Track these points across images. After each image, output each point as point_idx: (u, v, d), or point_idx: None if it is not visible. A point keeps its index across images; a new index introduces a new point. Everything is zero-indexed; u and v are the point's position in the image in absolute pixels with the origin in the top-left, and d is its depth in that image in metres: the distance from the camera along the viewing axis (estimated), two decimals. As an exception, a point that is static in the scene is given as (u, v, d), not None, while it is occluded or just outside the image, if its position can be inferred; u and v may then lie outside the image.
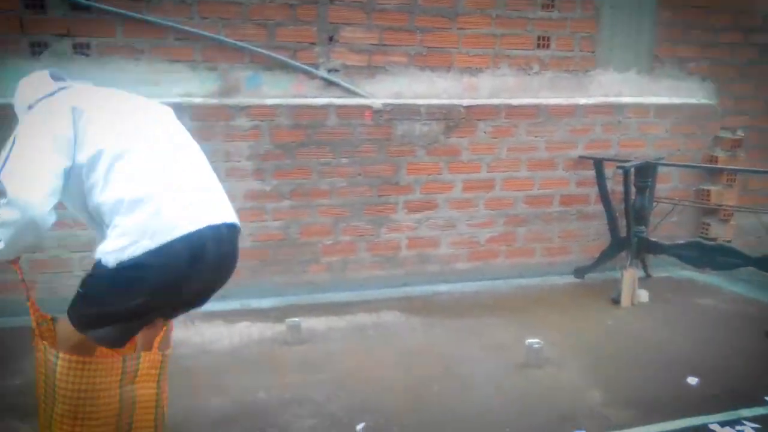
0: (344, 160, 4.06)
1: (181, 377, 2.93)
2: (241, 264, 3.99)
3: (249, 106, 3.85)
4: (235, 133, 3.84)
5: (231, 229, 2.07)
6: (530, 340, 3.21)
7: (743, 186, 4.98)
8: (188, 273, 1.93)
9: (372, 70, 4.12)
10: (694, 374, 3.09)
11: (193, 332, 3.50)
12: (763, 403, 2.85)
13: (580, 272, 4.57)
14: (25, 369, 3.04)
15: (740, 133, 4.81)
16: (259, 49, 3.85)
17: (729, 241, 4.68)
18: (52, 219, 1.87)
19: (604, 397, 2.88)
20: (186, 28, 3.72)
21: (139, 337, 2.23)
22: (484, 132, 4.28)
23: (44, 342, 2.06)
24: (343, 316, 3.79)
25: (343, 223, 4.14)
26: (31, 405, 2.64)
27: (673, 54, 4.71)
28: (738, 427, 2.63)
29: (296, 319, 3.46)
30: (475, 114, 4.24)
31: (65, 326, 2.05)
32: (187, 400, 2.74)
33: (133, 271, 1.87)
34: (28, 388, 2.81)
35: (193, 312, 3.63)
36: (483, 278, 4.45)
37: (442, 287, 4.33)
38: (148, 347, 2.15)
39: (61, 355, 1.96)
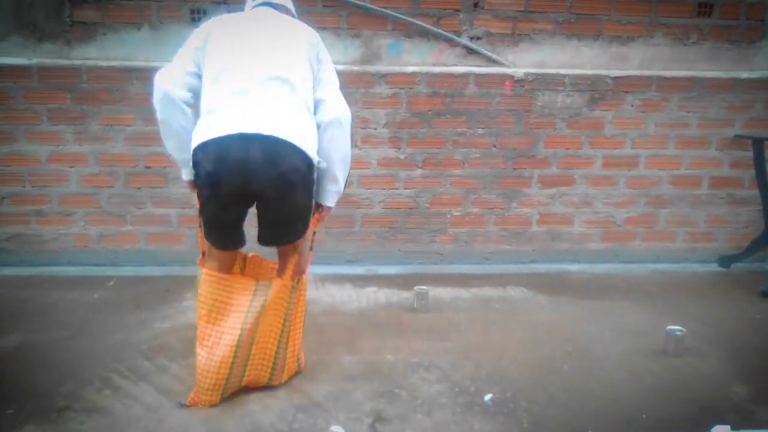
0: (480, 131, 4.02)
1: (314, 333, 3.10)
2: (370, 230, 4.16)
3: (389, 74, 3.89)
4: (374, 100, 3.91)
5: (266, 141, 2.24)
6: (671, 327, 3.05)
7: None
8: (215, 169, 2.23)
9: (516, 38, 4.01)
10: None
11: (323, 293, 3.67)
12: None
13: (725, 261, 4.25)
14: (172, 314, 3.34)
15: None
16: (403, 16, 3.87)
17: None
18: (181, 95, 2.31)
19: (749, 393, 2.69)
20: (334, -6, 3.82)
21: (279, 265, 2.59)
22: (632, 105, 4.05)
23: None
24: (468, 288, 3.80)
25: (474, 195, 4.11)
26: (178, 347, 2.90)
27: None
28: None
29: (424, 287, 3.50)
30: (623, 86, 4.02)
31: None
32: (321, 355, 2.89)
33: (194, 166, 2.33)
34: (176, 331, 3.10)
35: (324, 274, 3.86)
36: (616, 260, 4.27)
37: (572, 267, 4.20)
38: (281, 275, 2.50)
39: (204, 270, 2.43)
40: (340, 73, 3.83)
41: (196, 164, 2.30)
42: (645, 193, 4.20)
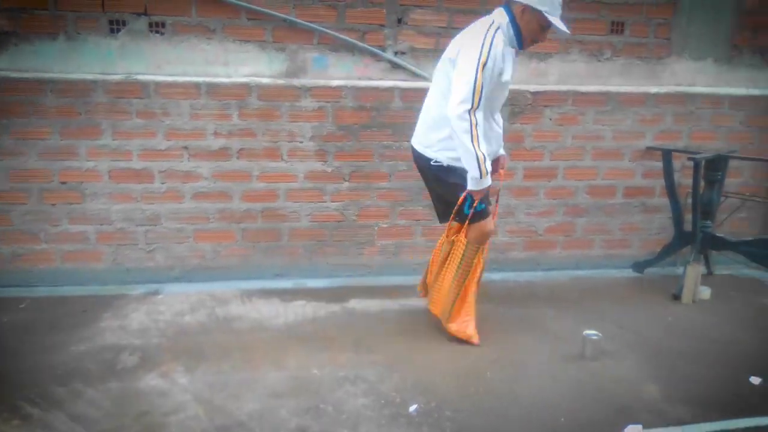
0: (406, 144, 4.06)
1: (240, 351, 3.06)
2: (297, 243, 4.12)
3: (314, 87, 3.90)
4: (300, 113, 3.91)
5: (416, 149, 3.24)
6: (588, 332, 3.17)
7: (822, 184, 4.74)
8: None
9: (439, 53, 4.03)
10: (757, 374, 2.99)
11: (250, 308, 3.62)
12: (830, 409, 2.75)
13: (639, 266, 4.46)
14: (89, 336, 3.22)
15: (821, 129, 4.57)
16: (329, 31, 3.89)
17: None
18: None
19: (661, 393, 2.83)
20: (258, 8, 3.79)
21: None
22: (550, 119, 4.21)
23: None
24: (396, 299, 3.83)
25: (401, 207, 4.17)
26: (94, 371, 2.80)
27: (752, 43, 4.49)
28: (802, 432, 2.55)
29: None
30: (541, 100, 4.17)
31: None
32: (246, 372, 2.85)
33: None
34: (93, 354, 2.99)
35: (251, 289, 3.81)
36: (538, 268, 4.41)
37: (496, 275, 4.31)
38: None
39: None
40: (264, 87, 3.86)
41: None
42: (563, 203, 4.37)
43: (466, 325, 3.25)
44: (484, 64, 2.84)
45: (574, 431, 2.49)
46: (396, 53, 4.02)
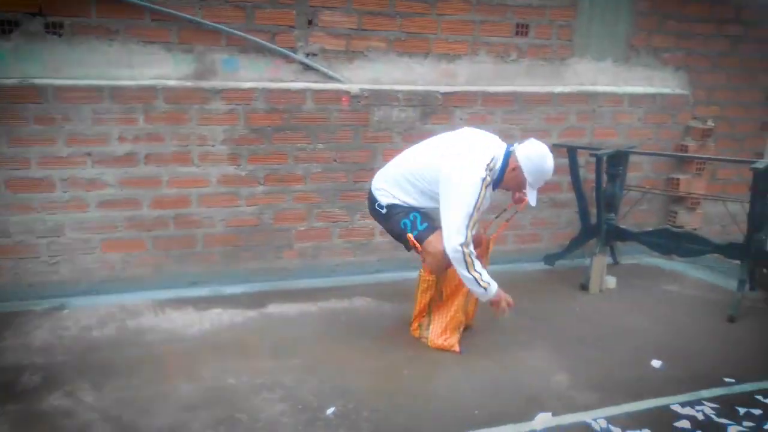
0: (320, 146, 4.07)
1: (150, 363, 2.96)
2: (213, 250, 4.04)
3: (224, 90, 3.82)
4: (210, 116, 3.82)
5: (371, 189, 3.37)
6: (501, 322, 3.27)
7: (711, 175, 5.08)
8: None
9: (350, 55, 4.11)
10: (658, 357, 3.18)
11: (162, 319, 3.50)
12: (722, 384, 2.95)
13: (550, 259, 4.64)
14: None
15: (711, 123, 4.90)
16: (237, 32, 3.82)
17: (695, 229, 4.79)
18: None
19: (570, 380, 2.96)
20: (162, 8, 3.67)
21: None
22: (461, 119, 4.30)
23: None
24: (315, 302, 3.81)
25: (318, 209, 4.15)
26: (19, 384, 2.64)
27: (648, 44, 4.76)
28: (698, 408, 2.72)
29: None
30: (451, 101, 4.26)
31: None
32: (156, 386, 2.76)
33: None
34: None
35: (164, 299, 3.70)
36: (456, 264, 4.50)
37: (413, 274, 4.33)
38: None
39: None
40: (171, 89, 3.75)
41: None
42: (478, 200, 4.48)
43: (446, 337, 3.27)
44: (477, 204, 2.96)
45: (487, 423, 2.56)
46: (307, 55, 4.00)
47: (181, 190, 3.86)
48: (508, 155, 3.10)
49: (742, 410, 2.71)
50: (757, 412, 2.71)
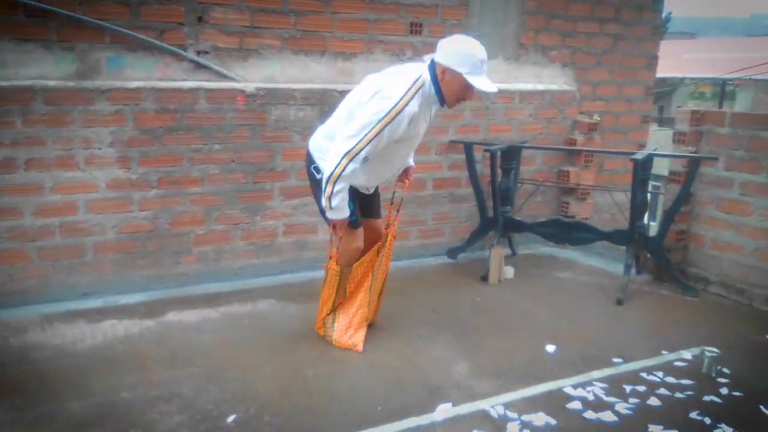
0: (216, 146, 3.96)
1: (36, 382, 2.78)
2: (105, 258, 3.84)
3: (110, 90, 3.63)
4: (95, 118, 3.62)
5: (309, 147, 3.21)
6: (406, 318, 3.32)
7: (599, 166, 5.38)
8: None
9: (244, 53, 4.02)
10: (552, 342, 3.32)
11: (51, 335, 3.29)
12: (611, 365, 3.12)
13: (452, 253, 4.76)
14: None
15: (597, 117, 5.19)
16: (121, 29, 3.64)
17: (586, 218, 5.06)
18: None
19: (470, 369, 3.04)
20: (38, 3, 3.44)
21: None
22: (359, 117, 4.31)
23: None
24: (217, 307, 3.71)
25: (217, 212, 4.04)
26: None
27: (536, 42, 4.97)
28: (589, 388, 2.87)
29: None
30: (349, 99, 4.26)
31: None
32: (41, 407, 2.59)
33: None
34: None
35: (52, 313, 3.49)
36: (361, 262, 4.52)
37: (320, 273, 4.32)
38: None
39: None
40: (51, 90, 3.52)
41: None
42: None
43: (351, 335, 3.25)
44: (387, 124, 2.77)
45: (390, 418, 2.59)
46: (199, 53, 3.88)
47: (65, 197, 3.64)
48: (432, 66, 2.88)
49: (628, 388, 2.88)
50: (641, 389, 2.89)
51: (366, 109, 2.82)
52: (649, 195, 4.21)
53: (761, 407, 2.76)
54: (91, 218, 3.73)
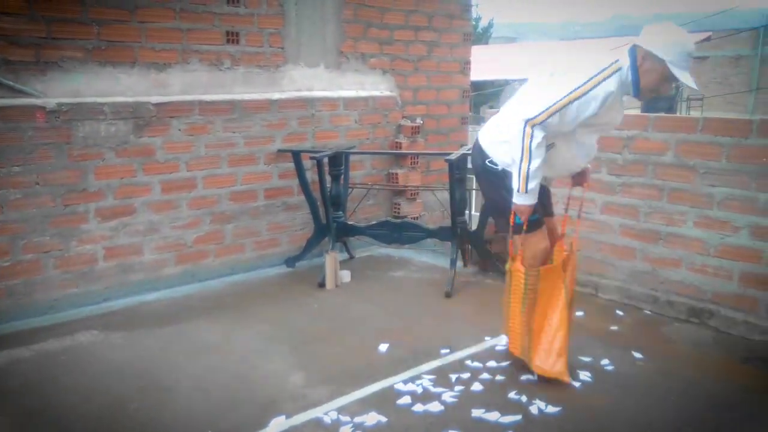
0: (16, 169, 3.60)
1: None
2: None
3: None
4: None
5: (479, 142, 3.00)
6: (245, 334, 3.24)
7: (427, 167, 5.64)
8: None
9: (42, 66, 3.70)
10: (385, 341, 3.41)
11: None
12: (439, 356, 3.27)
13: (290, 261, 4.74)
14: None
15: (419, 121, 5.43)
16: None
17: (417, 218, 5.28)
18: None
19: (305, 379, 3.03)
20: None
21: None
22: (179, 129, 4.15)
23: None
24: (30, 345, 3.38)
25: (23, 240, 3.68)
26: None
27: (355, 50, 5.10)
28: (418, 382, 2.98)
29: None
30: (166, 111, 4.09)
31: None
32: None
33: None
34: None
35: None
36: (194, 281, 4.35)
37: (150, 296, 4.12)
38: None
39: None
40: None
41: None
42: (209, 211, 4.38)
43: (553, 362, 2.91)
44: (576, 98, 2.59)
45: (221, 440, 2.51)
46: (-14, 68, 3.52)
47: None
48: (634, 51, 2.63)
49: (454, 377, 3.04)
50: (466, 376, 3.05)
51: (553, 83, 2.66)
52: (472, 192, 4.49)
53: (578, 374, 3.03)
54: None
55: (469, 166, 3.43)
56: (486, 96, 22.57)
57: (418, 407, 2.76)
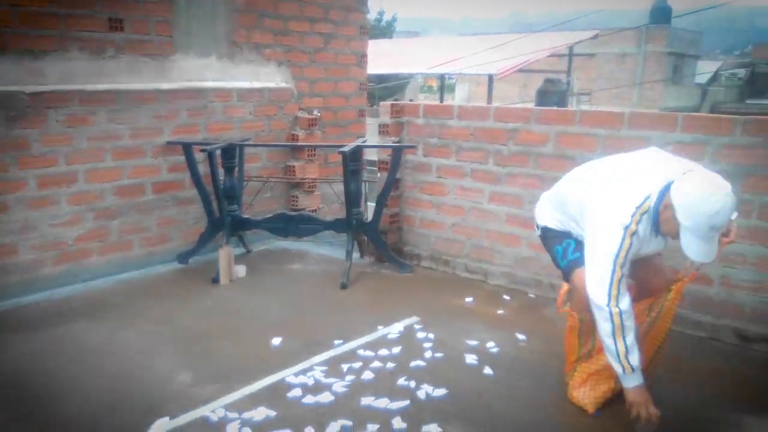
0: None
1: None
2: None
3: None
4: None
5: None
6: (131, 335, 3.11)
7: (324, 159, 5.63)
8: None
9: None
10: (278, 334, 3.39)
11: None
12: (331, 347, 3.29)
13: (183, 257, 4.60)
14: None
15: (316, 113, 5.41)
16: None
17: (315, 210, 5.27)
18: None
19: (193, 377, 2.96)
20: None
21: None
22: (57, 121, 3.92)
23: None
24: None
25: None
26: None
27: (249, 40, 5.00)
28: (309, 374, 2.98)
29: None
30: (42, 102, 3.84)
31: None
32: None
33: None
34: None
35: None
36: (76, 281, 4.13)
37: (26, 299, 3.87)
38: None
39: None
40: None
41: None
42: (91, 207, 4.16)
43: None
44: (622, 259, 2.43)
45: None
46: None
47: None
48: (665, 191, 2.38)
49: (345, 367, 3.07)
50: (357, 365, 3.09)
51: (598, 246, 2.49)
52: (366, 184, 4.52)
53: (465, 358, 3.14)
54: None
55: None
56: (391, 89, 22.79)
57: (309, 399, 2.76)
